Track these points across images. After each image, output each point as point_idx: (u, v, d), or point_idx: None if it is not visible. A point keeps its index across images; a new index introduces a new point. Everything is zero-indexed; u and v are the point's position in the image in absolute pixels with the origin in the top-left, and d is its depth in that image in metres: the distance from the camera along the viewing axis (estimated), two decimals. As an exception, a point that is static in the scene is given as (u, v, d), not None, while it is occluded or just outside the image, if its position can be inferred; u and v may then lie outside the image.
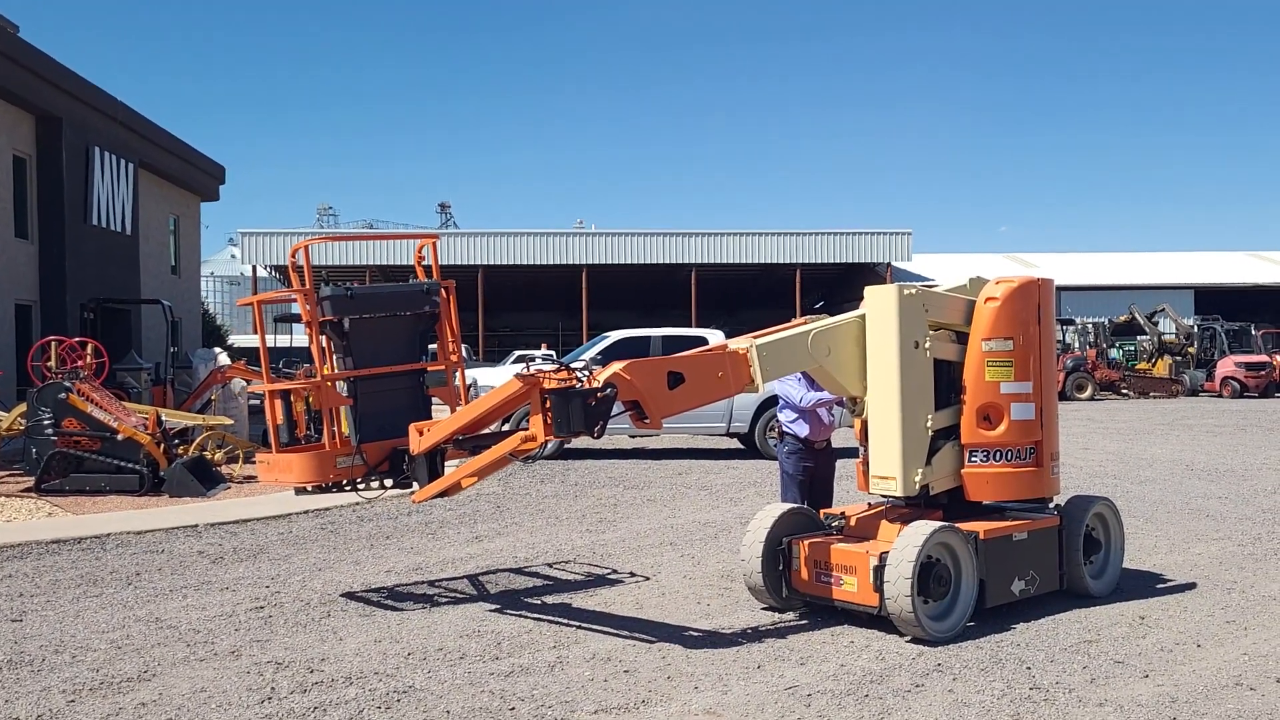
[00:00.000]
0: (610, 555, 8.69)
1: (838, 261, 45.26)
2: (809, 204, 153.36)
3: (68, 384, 12.31)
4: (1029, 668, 5.62)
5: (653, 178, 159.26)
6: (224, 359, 17.05)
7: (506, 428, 8.10)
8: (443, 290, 7.37)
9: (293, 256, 7.14)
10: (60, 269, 20.66)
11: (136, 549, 9.02)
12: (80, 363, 13.78)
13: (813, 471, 7.81)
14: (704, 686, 5.34)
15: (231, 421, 14.08)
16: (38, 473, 12.10)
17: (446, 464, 6.91)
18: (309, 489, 6.98)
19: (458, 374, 7.56)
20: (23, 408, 13.08)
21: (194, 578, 7.96)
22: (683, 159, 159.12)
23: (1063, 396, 31.67)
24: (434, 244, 7.69)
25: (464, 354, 8.70)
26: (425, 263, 7.58)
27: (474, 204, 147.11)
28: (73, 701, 5.17)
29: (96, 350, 14.65)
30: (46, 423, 12.19)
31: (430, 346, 7.88)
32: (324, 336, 6.97)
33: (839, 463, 8.36)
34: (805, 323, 6.69)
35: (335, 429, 7.04)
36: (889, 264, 44.91)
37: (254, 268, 42.80)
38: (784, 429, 7.87)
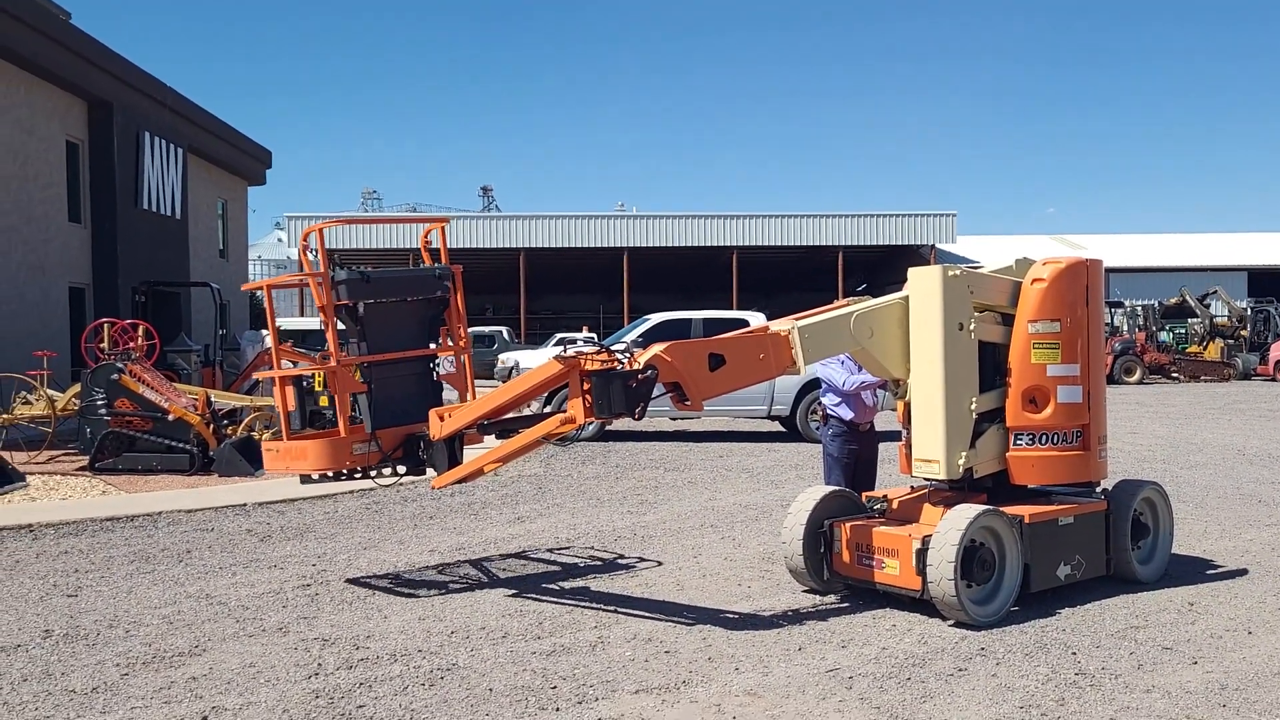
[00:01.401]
0: (652, 537, 8.72)
1: (881, 244, 44.91)
2: (852, 186, 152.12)
3: (120, 365, 12.54)
4: (1074, 653, 5.57)
5: (695, 161, 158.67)
6: (268, 340, 17.25)
7: (547, 409, 8.11)
8: (452, 274, 7.29)
9: (304, 240, 7.08)
10: (112, 253, 21.03)
11: (187, 527, 9.19)
12: (132, 344, 14.03)
13: (856, 454, 7.78)
14: (745, 668, 5.35)
15: (271, 402, 14.26)
16: (92, 452, 12.36)
17: (464, 449, 6.89)
18: (315, 477, 6.90)
19: (465, 359, 7.45)
20: (77, 388, 13.36)
21: (243, 555, 8.10)
22: (725, 142, 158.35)
23: (1111, 380, 31.19)
24: (443, 228, 7.57)
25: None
26: (432, 246, 7.51)
27: (516, 188, 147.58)
28: (126, 674, 5.29)
29: (147, 332, 14.90)
30: (100, 403, 12.44)
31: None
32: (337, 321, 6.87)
33: (882, 446, 8.31)
34: (848, 304, 6.64)
35: (342, 415, 6.88)
36: (933, 246, 44.48)
37: (302, 251, 43.23)
38: (827, 412, 7.84)
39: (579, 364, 5.78)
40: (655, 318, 16.54)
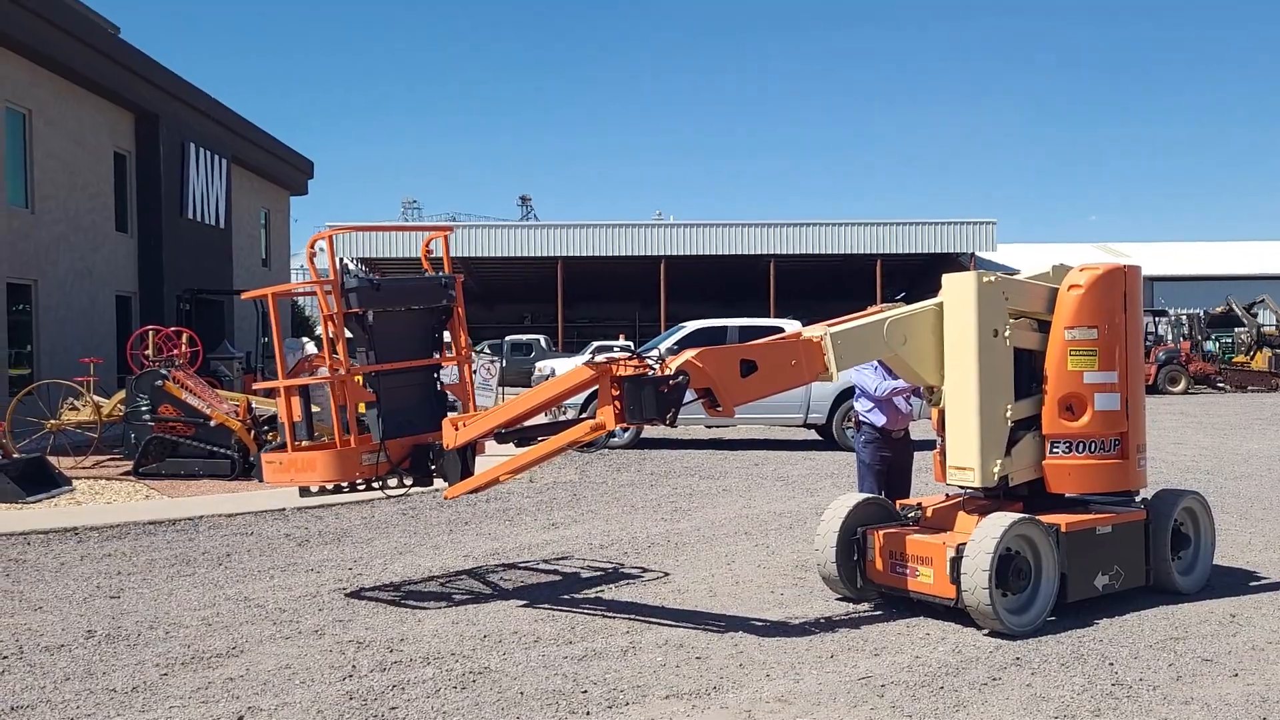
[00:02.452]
0: (685, 544, 8.72)
1: (919, 252, 44.60)
2: (890, 194, 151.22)
3: (164, 372, 12.76)
4: (1112, 664, 5.50)
5: (732, 168, 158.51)
6: (311, 348, 17.49)
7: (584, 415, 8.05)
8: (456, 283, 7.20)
9: (311, 247, 6.94)
10: (158, 261, 21.40)
11: (227, 531, 9.32)
12: (176, 351, 14.27)
13: (890, 461, 7.74)
14: (776, 675, 5.34)
15: (318, 409, 14.43)
16: (136, 457, 12.58)
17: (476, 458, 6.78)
18: (314, 490, 6.79)
19: (466, 369, 7.38)
20: (122, 395, 13.60)
21: (281, 559, 8.20)
22: (763, 149, 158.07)
23: (1155, 390, 30.75)
24: (445, 238, 7.46)
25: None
26: (434, 255, 7.39)
27: (555, 197, 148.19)
28: (165, 675, 5.38)
29: (191, 339, 15.15)
30: (144, 409, 12.65)
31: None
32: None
33: (917, 454, 8.26)
34: (881, 311, 6.62)
35: (351, 426, 6.71)
36: (972, 254, 44.09)
37: (342, 260, 43.68)
38: (861, 418, 7.81)
39: (610, 370, 5.80)
40: (691, 325, 16.55)
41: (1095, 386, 6.52)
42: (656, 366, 5.87)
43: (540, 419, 7.84)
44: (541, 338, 37.55)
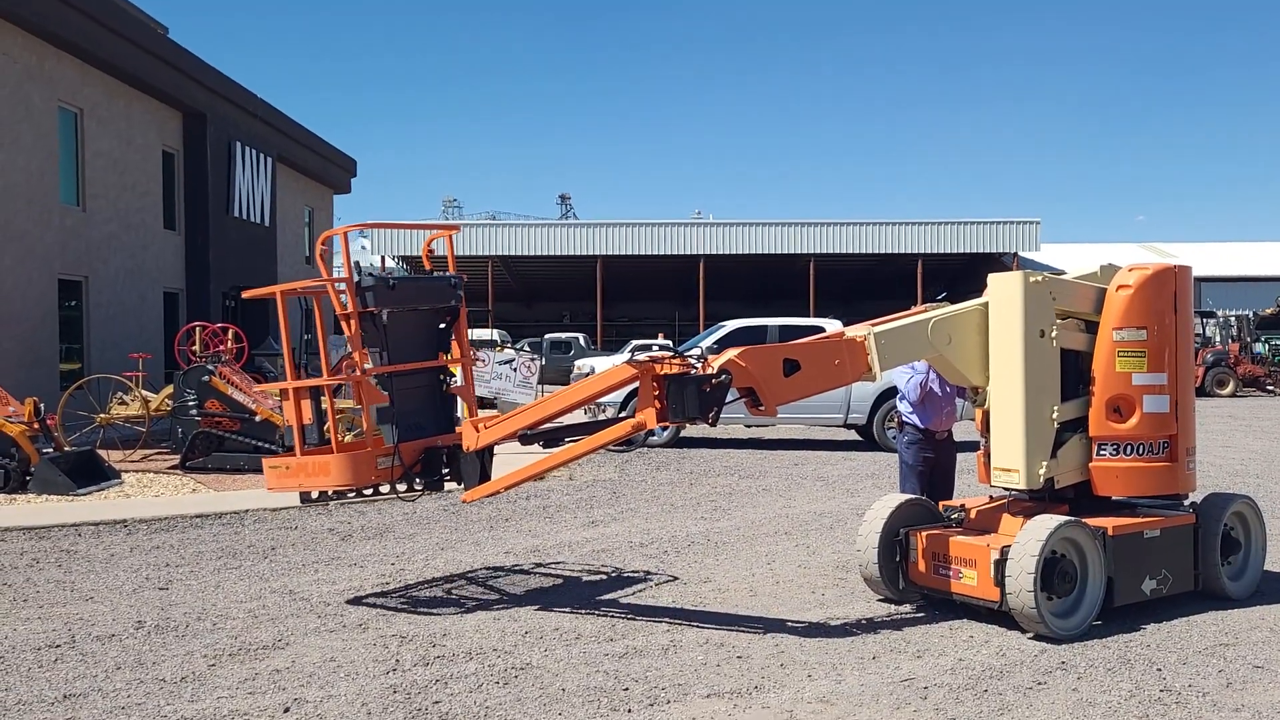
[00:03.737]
0: (725, 543, 8.71)
1: (961, 252, 44.19)
2: (933, 192, 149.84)
3: (210, 368, 12.94)
4: (1159, 669, 5.42)
5: (773, 167, 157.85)
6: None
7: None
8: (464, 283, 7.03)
9: (322, 244, 6.80)
10: (204, 259, 21.70)
11: (272, 525, 9.44)
12: (222, 347, 14.47)
13: (933, 462, 7.68)
14: (817, 675, 5.32)
15: (357, 406, 14.58)
16: (183, 451, 12.77)
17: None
18: (314, 495, 6.61)
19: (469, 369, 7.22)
20: (170, 390, 13.81)
21: (324, 553, 8.29)
22: (803, 148, 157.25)
23: (1202, 392, 30.22)
24: (450, 236, 7.27)
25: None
26: (437, 254, 7.24)
27: (594, 196, 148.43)
28: (213, 665, 5.46)
29: (236, 336, 15.35)
30: (191, 404, 12.85)
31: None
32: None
33: (961, 456, 8.20)
34: (925, 310, 6.57)
35: (368, 429, 6.60)
36: (1015, 254, 43.63)
37: (383, 258, 44.16)
38: (904, 419, 7.76)
39: (653, 368, 5.81)
40: (731, 324, 16.51)
41: (1144, 388, 6.43)
42: (699, 365, 5.87)
43: (575, 417, 7.77)
44: (580, 336, 37.62)
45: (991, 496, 7.04)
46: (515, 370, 15.18)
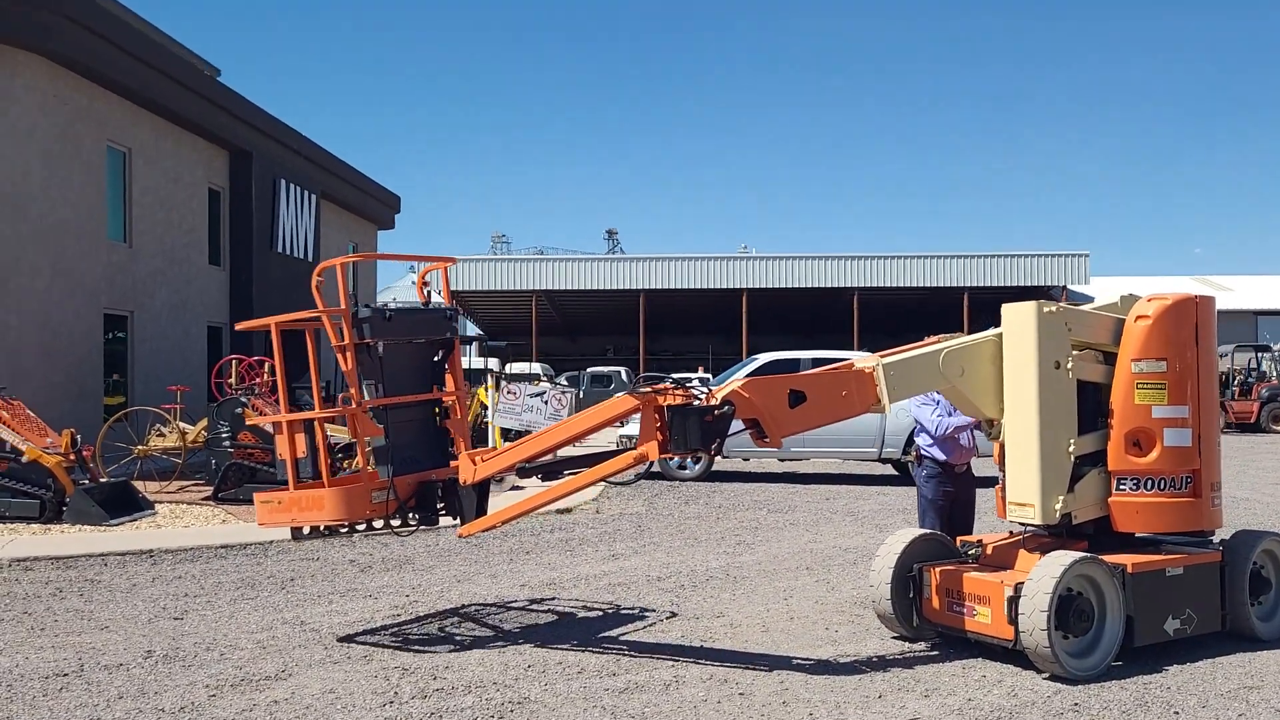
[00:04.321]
0: (744, 578, 8.60)
1: (1008, 285, 43.67)
2: (979, 225, 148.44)
3: (244, 400, 13.11)
4: (1177, 712, 5.23)
5: (819, 200, 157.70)
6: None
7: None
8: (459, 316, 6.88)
9: (319, 276, 6.61)
10: (248, 293, 22.07)
11: (295, 556, 9.49)
12: (257, 380, 14.66)
13: (952, 496, 7.53)
14: (819, 713, 5.20)
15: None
16: (216, 482, 12.93)
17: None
18: (305, 531, 6.47)
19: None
20: (205, 422, 14.01)
21: (342, 584, 8.31)
22: (851, 181, 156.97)
23: (1256, 429, 29.47)
24: (445, 269, 7.22)
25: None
26: (430, 287, 7.10)
27: (641, 230, 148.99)
28: (214, 696, 5.47)
29: (272, 369, 15.54)
30: (224, 436, 13.01)
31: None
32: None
33: (981, 491, 8.03)
34: (937, 341, 6.47)
35: (362, 462, 6.52)
36: (1064, 287, 43.09)
37: (429, 292, 44.63)
38: (922, 452, 7.62)
39: (655, 399, 5.77)
40: (763, 357, 16.43)
41: (1165, 421, 6.26)
42: (702, 396, 5.82)
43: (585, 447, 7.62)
44: (623, 370, 37.66)
45: (1011, 532, 6.88)
46: (546, 403, 15.20)
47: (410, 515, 6.54)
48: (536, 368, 36.50)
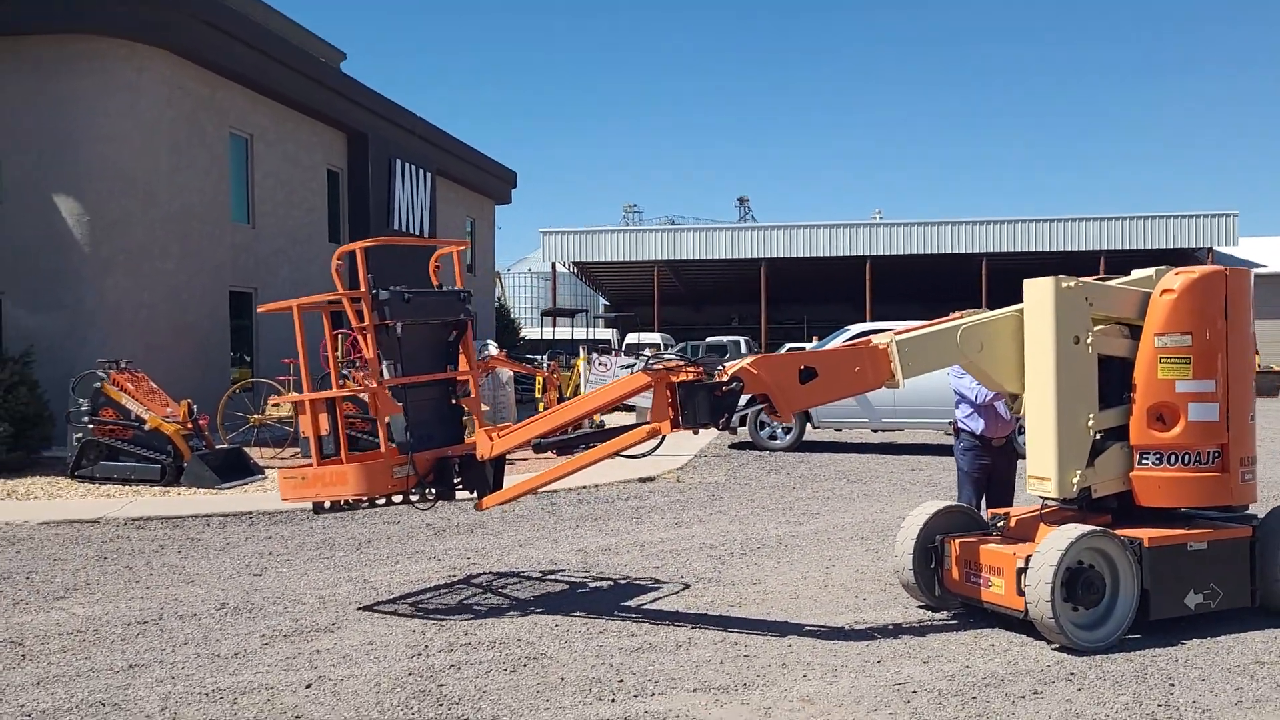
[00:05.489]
0: (795, 546, 8.81)
1: (1148, 248, 41.80)
2: (1118, 186, 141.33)
3: (345, 372, 13.88)
4: (1173, 684, 5.27)
5: (951, 166, 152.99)
6: (492, 349, 18.51)
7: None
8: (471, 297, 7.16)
9: (338, 259, 6.97)
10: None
11: (377, 520, 10.14)
12: (359, 354, 15.47)
13: (989, 470, 7.58)
14: (813, 676, 5.43)
15: (487, 408, 15.33)
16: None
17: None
18: (326, 505, 6.76)
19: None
20: (314, 393, 14.89)
21: (413, 547, 8.89)
22: (982, 146, 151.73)
23: None
24: (457, 253, 7.50)
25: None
26: (440, 269, 7.45)
27: (772, 197, 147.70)
28: (266, 644, 6.06)
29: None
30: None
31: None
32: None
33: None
34: (958, 317, 6.54)
35: (383, 439, 6.73)
36: (1210, 249, 40.98)
37: (553, 265, 45.62)
38: (960, 424, 7.68)
39: (666, 376, 6.04)
40: (854, 329, 16.41)
41: (1189, 396, 6.20)
42: (714, 373, 6.07)
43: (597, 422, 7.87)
44: (742, 339, 37.78)
45: (1045, 505, 6.91)
46: (609, 371, 15.56)
47: (429, 490, 6.87)
48: (656, 337, 36.97)
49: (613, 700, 5.10)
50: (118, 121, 16.16)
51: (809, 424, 16.01)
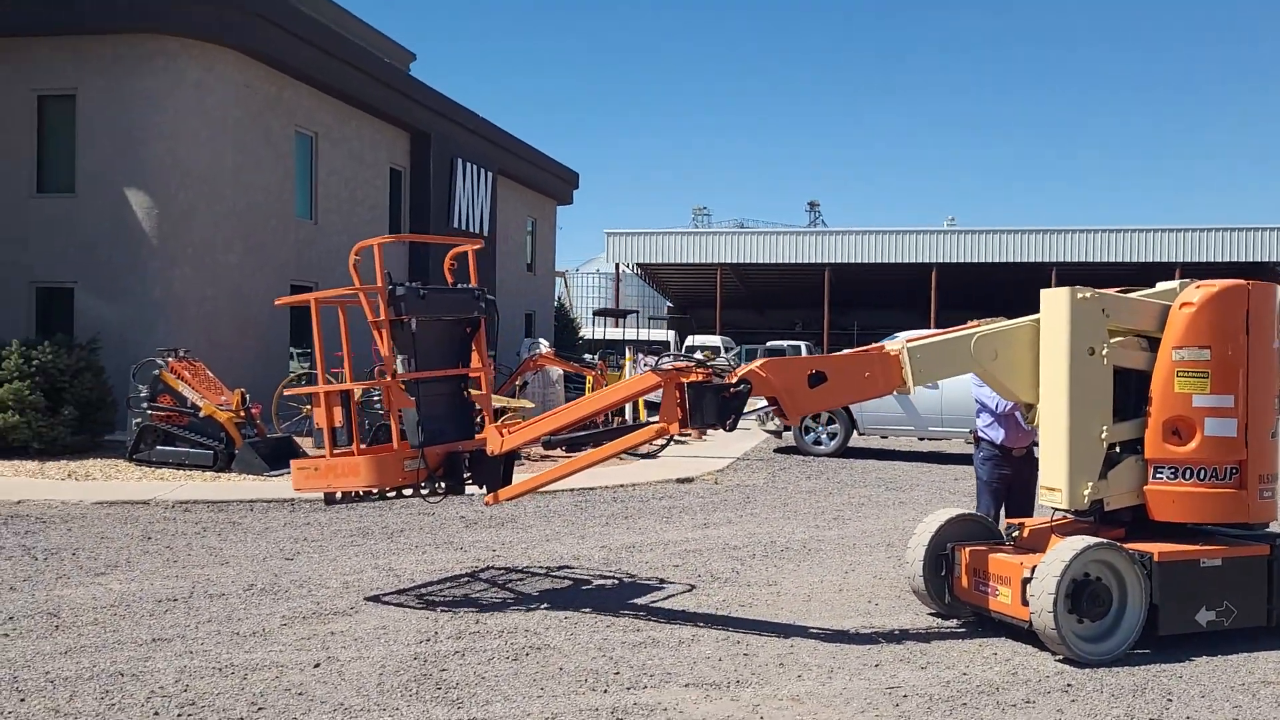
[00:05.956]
0: (819, 550, 8.84)
1: (1227, 260, 40.76)
2: (1197, 197, 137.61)
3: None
4: (1170, 699, 5.23)
5: (1027, 175, 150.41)
6: (543, 347, 18.74)
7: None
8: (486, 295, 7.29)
9: (356, 255, 7.06)
10: (425, 267, 23.51)
11: (413, 509, 10.39)
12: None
13: (1009, 480, 7.53)
14: (807, 677, 5.49)
15: (532, 405, 15.54)
16: (367, 441, 14.11)
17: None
18: (338, 496, 6.89)
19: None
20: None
21: (443, 537, 9.10)
22: (1057, 155, 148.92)
23: None
24: (471, 251, 7.64)
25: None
26: (455, 268, 7.57)
27: (843, 202, 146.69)
28: (285, 625, 6.29)
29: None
30: (376, 398, 14.17)
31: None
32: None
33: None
34: (974, 326, 6.54)
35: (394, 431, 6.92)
36: (1291, 262, 39.81)
37: (616, 266, 45.92)
38: (980, 433, 7.65)
39: (676, 376, 6.15)
40: (902, 336, 16.28)
41: (1206, 410, 6.13)
42: (724, 375, 6.16)
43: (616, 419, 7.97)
44: (804, 344, 37.63)
45: (1064, 516, 6.86)
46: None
47: (439, 484, 7.00)
48: (716, 340, 37.03)
49: (605, 691, 5.22)
50: (186, 119, 16.73)
51: (855, 430, 15.96)
